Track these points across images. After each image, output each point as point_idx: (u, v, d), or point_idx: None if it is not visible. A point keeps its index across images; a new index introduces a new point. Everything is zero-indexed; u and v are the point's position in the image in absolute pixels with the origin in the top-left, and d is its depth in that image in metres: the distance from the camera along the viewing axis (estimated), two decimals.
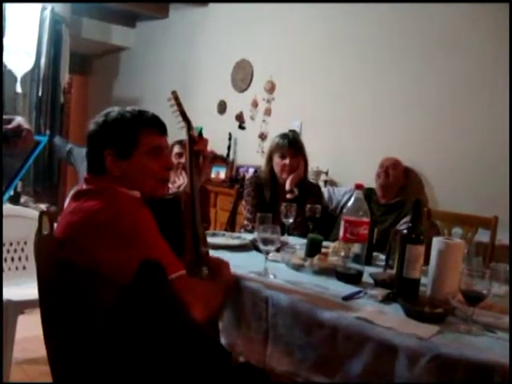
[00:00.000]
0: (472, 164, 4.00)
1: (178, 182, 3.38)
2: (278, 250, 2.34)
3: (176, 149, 3.76)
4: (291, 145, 3.37)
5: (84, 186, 1.77)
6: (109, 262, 1.54)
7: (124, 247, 1.58)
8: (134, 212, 1.67)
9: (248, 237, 2.83)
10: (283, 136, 3.43)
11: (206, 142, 2.17)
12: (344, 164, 4.81)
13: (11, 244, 3.10)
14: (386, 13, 4.54)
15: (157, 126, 1.84)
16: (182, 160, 3.58)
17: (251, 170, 5.39)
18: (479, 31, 3.98)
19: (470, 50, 4.03)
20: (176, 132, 2.20)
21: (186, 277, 1.70)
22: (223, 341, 2.07)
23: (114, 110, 1.82)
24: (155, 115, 1.86)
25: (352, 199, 2.25)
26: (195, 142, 2.09)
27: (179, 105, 2.08)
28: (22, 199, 4.38)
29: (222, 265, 2.04)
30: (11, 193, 3.87)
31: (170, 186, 1.98)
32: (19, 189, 4.35)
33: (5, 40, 5.15)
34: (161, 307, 1.51)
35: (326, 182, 4.82)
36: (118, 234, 1.59)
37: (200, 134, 2.14)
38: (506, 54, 3.75)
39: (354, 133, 4.78)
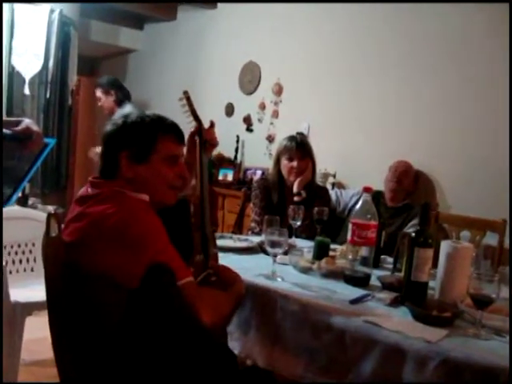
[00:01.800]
0: (482, 166, 3.97)
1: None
2: (285, 253, 2.33)
3: None
4: (299, 147, 3.37)
5: (89, 190, 1.74)
6: (117, 267, 1.54)
7: (132, 252, 1.57)
8: (142, 217, 1.65)
9: (256, 239, 2.83)
10: (291, 138, 3.43)
11: (212, 130, 2.18)
12: (352, 166, 4.80)
13: (19, 246, 3.10)
14: (394, 15, 4.53)
15: (175, 133, 1.83)
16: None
17: (259, 173, 5.39)
18: (486, 34, 3.96)
19: (477, 52, 4.01)
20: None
21: (194, 283, 1.69)
22: (231, 343, 2.07)
23: (134, 113, 1.81)
24: (174, 123, 1.85)
25: (360, 202, 2.25)
26: (202, 135, 2.10)
27: (191, 105, 2.07)
28: (30, 201, 4.39)
29: (235, 277, 1.97)
30: (19, 195, 3.88)
31: None
32: (27, 191, 4.36)
33: (13, 42, 5.17)
34: (169, 311, 1.51)
35: (333, 185, 4.81)
36: (127, 238, 1.58)
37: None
38: (507, 54, 3.74)
39: (361, 135, 4.77)
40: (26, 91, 5.37)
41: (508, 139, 3.77)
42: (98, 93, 5.52)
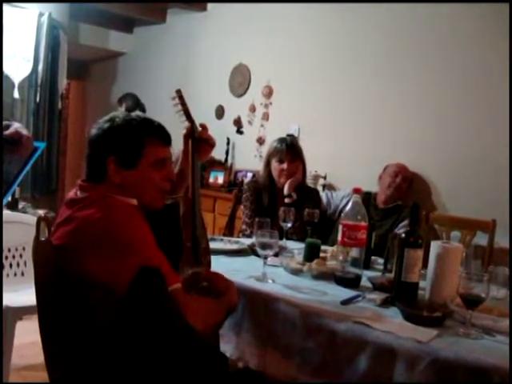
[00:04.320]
0: (476, 167, 3.99)
1: None
2: (276, 255, 2.34)
3: None
4: (289, 149, 3.37)
5: (78, 193, 1.73)
6: (104, 272, 1.52)
7: (119, 258, 1.55)
8: (129, 222, 1.64)
9: (246, 241, 2.84)
10: (281, 140, 3.43)
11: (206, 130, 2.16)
12: (342, 168, 4.81)
13: (9, 250, 3.09)
14: (386, 16, 4.54)
15: (162, 136, 1.81)
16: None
17: (249, 175, 5.39)
18: (480, 32, 3.98)
19: (473, 52, 4.02)
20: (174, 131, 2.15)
21: (182, 290, 1.67)
22: (223, 346, 2.07)
23: (120, 116, 1.78)
24: (161, 125, 1.83)
25: (350, 203, 2.26)
26: (197, 136, 2.08)
27: (183, 104, 2.05)
28: (20, 205, 4.37)
29: (228, 285, 1.92)
30: (9, 199, 3.87)
31: None
32: (17, 195, 4.35)
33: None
34: (159, 314, 1.51)
35: (324, 187, 4.82)
36: (114, 244, 1.57)
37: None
38: (507, 54, 3.76)
39: (352, 137, 4.79)
40: (16, 95, 5.35)
41: (501, 140, 3.80)
42: (118, 107, 6.00)
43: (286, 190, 3.33)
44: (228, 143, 5.82)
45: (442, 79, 4.19)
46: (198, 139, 2.11)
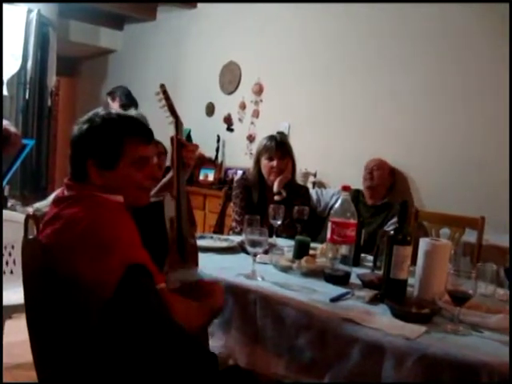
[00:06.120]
0: (465, 165, 4.02)
1: None
2: (266, 252, 2.34)
3: None
4: (279, 147, 3.37)
5: (65, 192, 1.71)
6: (91, 271, 1.51)
7: (105, 256, 1.53)
8: (115, 220, 1.62)
9: (236, 239, 2.84)
10: (271, 138, 3.43)
11: (194, 147, 2.11)
12: (332, 165, 4.82)
13: None
14: (377, 13, 4.55)
15: (143, 134, 1.77)
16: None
17: (240, 172, 5.39)
18: (476, 30, 3.99)
19: (462, 51, 4.04)
20: (165, 128, 2.14)
21: (166, 290, 1.66)
22: (213, 343, 2.07)
23: (99, 115, 1.73)
24: (142, 123, 1.79)
25: (339, 201, 2.26)
26: (183, 144, 2.06)
27: (167, 99, 2.03)
28: (10, 203, 4.35)
29: (216, 290, 1.92)
30: None
31: None
32: (6, 192, 4.33)
33: None
34: (148, 311, 1.50)
35: (314, 184, 4.83)
36: (100, 242, 1.55)
37: (188, 135, 2.11)
38: (503, 54, 3.76)
39: (342, 134, 4.79)
40: (5, 92, 5.32)
41: (490, 138, 3.83)
42: (108, 100, 5.61)
43: (275, 188, 3.34)
44: (218, 141, 5.82)
45: (433, 79, 4.20)
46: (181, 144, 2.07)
